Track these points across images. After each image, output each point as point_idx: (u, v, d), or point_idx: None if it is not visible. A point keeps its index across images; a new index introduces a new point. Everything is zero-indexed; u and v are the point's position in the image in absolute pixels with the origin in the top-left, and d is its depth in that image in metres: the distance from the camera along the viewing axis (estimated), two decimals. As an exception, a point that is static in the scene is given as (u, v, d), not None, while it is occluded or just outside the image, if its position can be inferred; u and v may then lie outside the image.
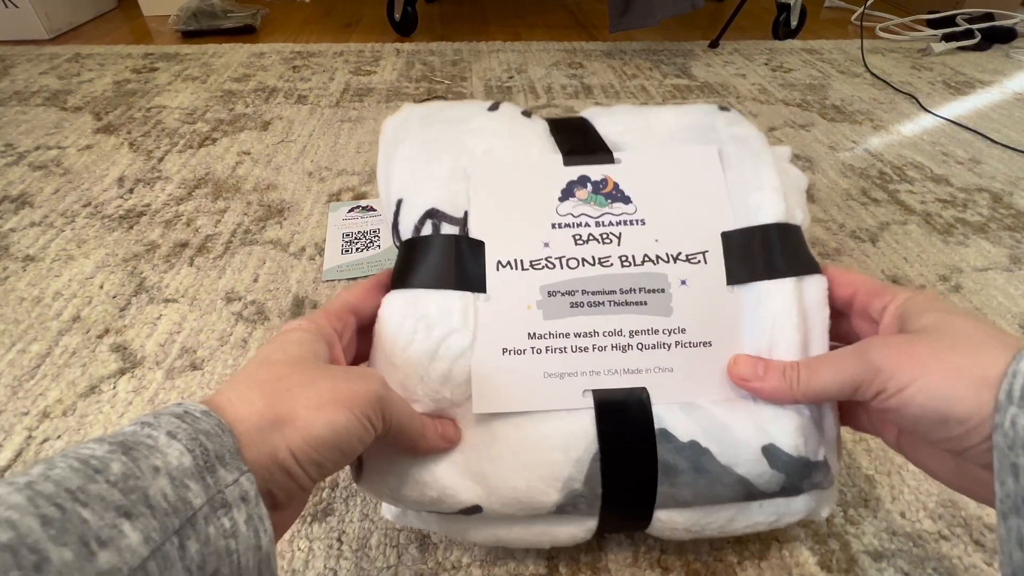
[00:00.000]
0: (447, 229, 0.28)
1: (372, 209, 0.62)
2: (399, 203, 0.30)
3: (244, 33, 1.20)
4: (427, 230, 0.29)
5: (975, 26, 1.14)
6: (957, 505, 0.35)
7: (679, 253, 0.28)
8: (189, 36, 1.16)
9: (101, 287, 0.51)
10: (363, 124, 0.81)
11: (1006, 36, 1.15)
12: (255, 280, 0.52)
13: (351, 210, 0.61)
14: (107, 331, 0.47)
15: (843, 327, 0.28)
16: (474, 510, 0.26)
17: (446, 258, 0.28)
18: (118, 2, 1.36)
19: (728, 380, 0.27)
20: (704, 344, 0.27)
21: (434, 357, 0.26)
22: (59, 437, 0.39)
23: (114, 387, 0.42)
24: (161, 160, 0.71)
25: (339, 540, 0.33)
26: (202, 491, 0.16)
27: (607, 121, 0.33)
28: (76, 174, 0.68)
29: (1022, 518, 0.18)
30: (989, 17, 1.18)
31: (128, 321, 0.48)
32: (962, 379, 0.20)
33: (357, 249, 0.56)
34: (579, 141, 0.32)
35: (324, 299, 0.51)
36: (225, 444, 0.17)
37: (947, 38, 1.14)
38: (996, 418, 0.19)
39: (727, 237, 0.29)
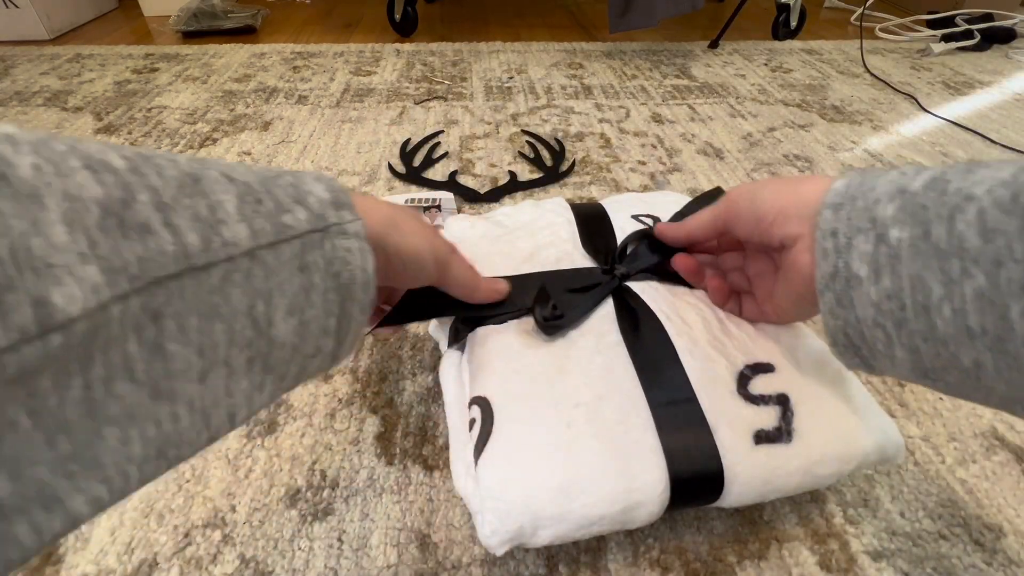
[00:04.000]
0: None
1: (372, 209, 0.62)
2: None
3: (244, 33, 1.20)
4: None
5: (974, 26, 1.15)
6: (957, 505, 0.35)
7: None
8: (190, 36, 1.17)
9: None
10: (363, 124, 0.81)
11: (1005, 36, 1.16)
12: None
13: (351, 210, 0.61)
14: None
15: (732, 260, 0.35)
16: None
17: None
18: (119, 2, 1.36)
19: None
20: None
21: None
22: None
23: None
24: (161, 160, 0.72)
25: (339, 540, 0.33)
26: (336, 216, 0.22)
27: None
28: (77, 174, 0.68)
29: (831, 292, 0.24)
30: (988, 18, 1.18)
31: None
32: (790, 198, 0.27)
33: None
34: None
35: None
36: (347, 199, 0.23)
37: (946, 39, 1.14)
38: (819, 219, 0.25)
39: None
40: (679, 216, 0.38)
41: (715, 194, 0.38)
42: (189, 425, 0.17)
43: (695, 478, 0.28)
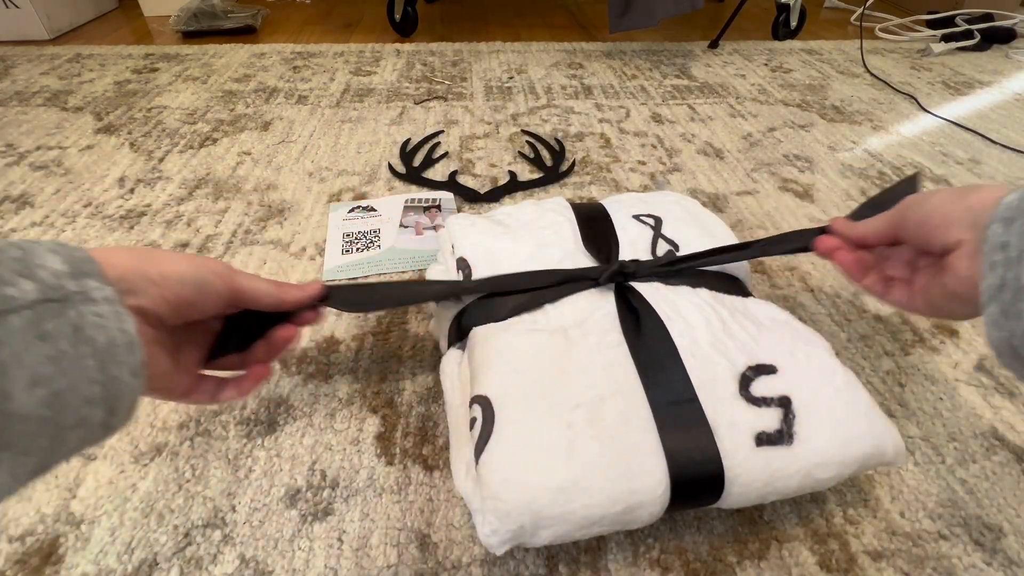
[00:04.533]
0: None
1: (372, 209, 0.62)
2: None
3: (245, 33, 1.20)
4: None
5: (974, 27, 1.15)
6: (957, 505, 0.35)
7: None
8: (190, 36, 1.16)
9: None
10: (363, 124, 0.81)
11: (1005, 36, 1.16)
12: (255, 280, 0.52)
13: (351, 210, 0.62)
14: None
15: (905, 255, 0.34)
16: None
17: None
18: (119, 2, 1.36)
19: None
20: None
21: None
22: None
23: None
24: (162, 160, 0.72)
25: (339, 540, 0.33)
26: (76, 286, 0.21)
27: None
28: (77, 174, 0.68)
29: (996, 303, 0.24)
30: (988, 18, 1.18)
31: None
32: (957, 206, 0.28)
33: (357, 249, 0.56)
34: None
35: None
36: (92, 268, 0.22)
37: (946, 39, 1.14)
38: (986, 232, 0.25)
39: None
40: (869, 208, 0.37)
41: (912, 182, 0.37)
42: None
43: (696, 479, 0.28)
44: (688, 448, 0.28)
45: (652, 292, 0.36)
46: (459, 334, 0.37)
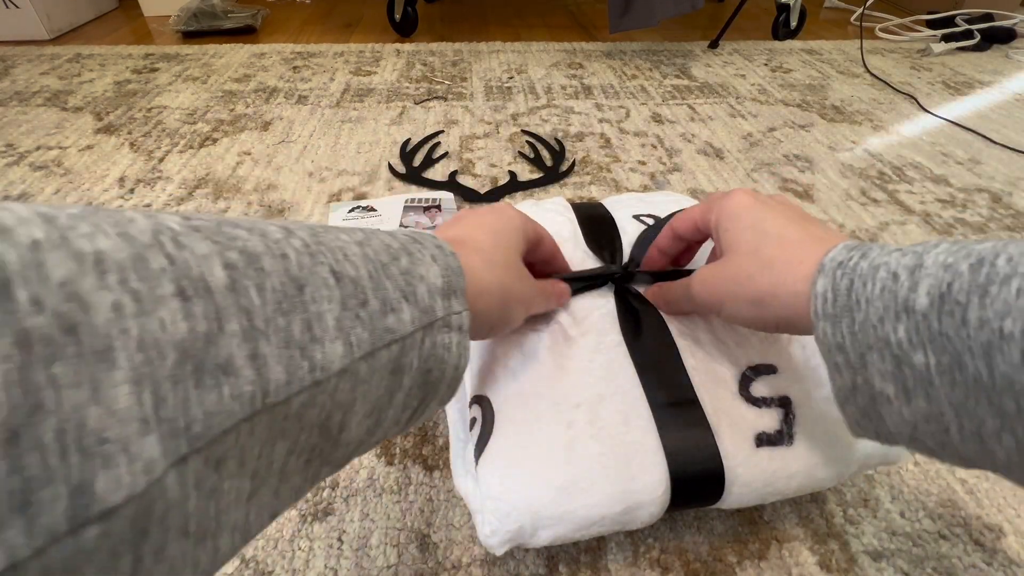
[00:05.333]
0: None
1: (372, 209, 0.62)
2: None
3: (244, 33, 1.20)
4: None
5: (974, 26, 1.15)
6: (957, 505, 0.35)
7: None
8: (190, 36, 1.16)
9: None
10: (363, 124, 0.81)
11: (1005, 36, 1.15)
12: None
13: (351, 210, 0.61)
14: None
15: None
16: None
17: None
18: (119, 2, 1.36)
19: None
20: None
21: None
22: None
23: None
24: (162, 160, 0.72)
25: (339, 540, 0.33)
26: (443, 308, 0.21)
27: None
28: (77, 174, 0.68)
29: (853, 405, 0.22)
30: (988, 18, 1.18)
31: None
32: (751, 305, 0.26)
33: (357, 249, 0.56)
34: None
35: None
36: (460, 284, 0.22)
37: (946, 38, 1.14)
38: (815, 331, 0.22)
39: None
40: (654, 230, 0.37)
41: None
42: (228, 550, 0.15)
43: (696, 479, 0.28)
44: (688, 448, 0.28)
45: None
46: None
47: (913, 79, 1.00)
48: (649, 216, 0.43)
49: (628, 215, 0.43)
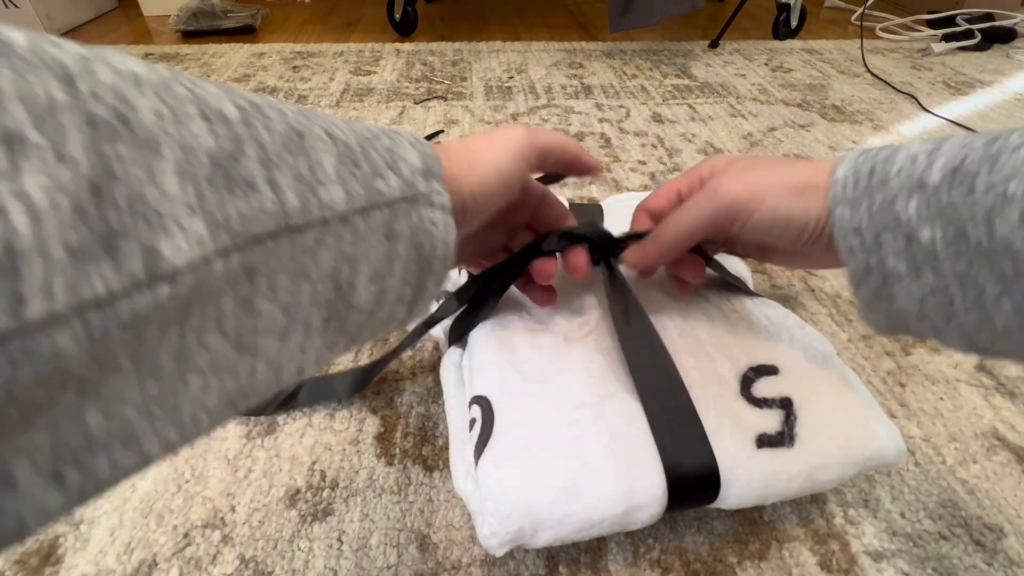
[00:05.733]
0: None
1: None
2: None
3: (244, 33, 1.20)
4: None
5: (975, 26, 1.14)
6: (957, 505, 0.35)
7: None
8: (189, 36, 1.16)
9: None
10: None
11: (1006, 36, 1.15)
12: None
13: (351, 210, 0.61)
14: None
15: None
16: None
17: None
18: (118, 2, 1.36)
19: None
20: None
21: None
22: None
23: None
24: (161, 160, 0.71)
25: (339, 540, 0.33)
26: (425, 186, 0.21)
27: None
28: (76, 174, 0.68)
29: (866, 287, 0.24)
30: (989, 17, 1.18)
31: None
32: (795, 195, 0.26)
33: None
34: None
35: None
36: (438, 169, 0.23)
37: (947, 38, 1.14)
38: (831, 217, 0.24)
39: None
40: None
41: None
42: (263, 379, 0.17)
43: (689, 480, 0.28)
44: (680, 449, 0.28)
45: (654, 292, 0.36)
46: (459, 333, 0.37)
47: (914, 79, 1.00)
48: None
49: (628, 215, 0.43)
